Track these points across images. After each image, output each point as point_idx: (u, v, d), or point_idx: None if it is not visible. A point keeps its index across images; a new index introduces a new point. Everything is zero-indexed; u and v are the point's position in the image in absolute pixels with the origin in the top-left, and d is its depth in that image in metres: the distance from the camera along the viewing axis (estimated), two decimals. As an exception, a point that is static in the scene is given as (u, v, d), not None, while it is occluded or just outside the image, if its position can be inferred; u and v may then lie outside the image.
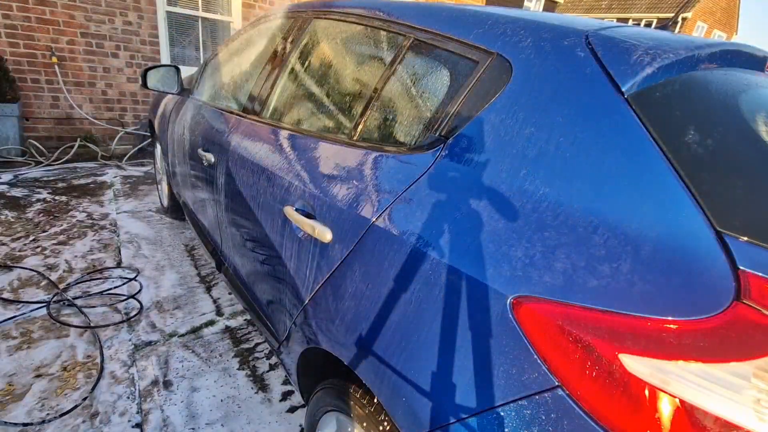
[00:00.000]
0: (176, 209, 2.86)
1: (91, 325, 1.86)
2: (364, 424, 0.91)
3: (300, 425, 1.50)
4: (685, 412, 0.47)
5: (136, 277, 2.28)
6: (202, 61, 3.02)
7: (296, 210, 1.09)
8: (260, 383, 1.67)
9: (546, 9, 15.82)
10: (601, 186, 0.62)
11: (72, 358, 1.66)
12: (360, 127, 1.06)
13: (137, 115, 4.71)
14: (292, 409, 1.57)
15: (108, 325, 1.87)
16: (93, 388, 1.52)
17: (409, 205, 0.83)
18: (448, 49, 0.94)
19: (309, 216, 1.05)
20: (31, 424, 1.37)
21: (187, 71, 2.69)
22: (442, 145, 0.84)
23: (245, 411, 1.53)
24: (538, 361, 0.58)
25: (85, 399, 1.47)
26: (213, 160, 1.64)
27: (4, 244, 2.44)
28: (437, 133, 0.87)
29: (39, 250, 2.43)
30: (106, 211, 3.09)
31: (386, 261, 0.83)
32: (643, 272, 0.53)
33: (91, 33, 4.12)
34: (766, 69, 0.84)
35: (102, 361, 1.65)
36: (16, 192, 3.24)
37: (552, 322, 0.58)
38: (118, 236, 2.73)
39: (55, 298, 1.99)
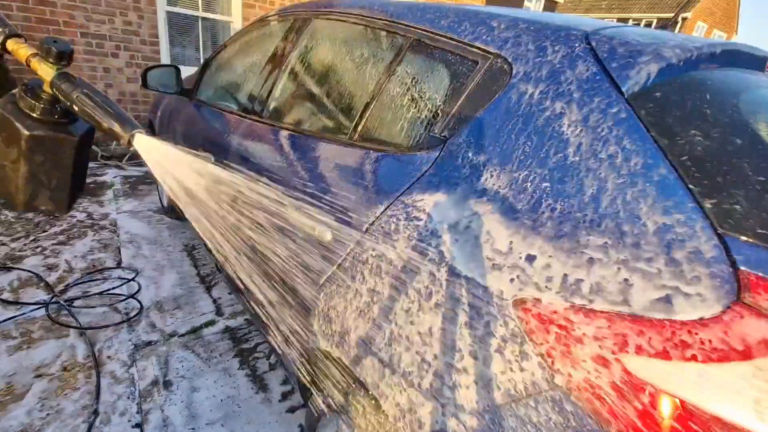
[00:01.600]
0: (176, 209, 2.86)
1: (88, 326, 1.86)
2: (364, 424, 0.91)
3: (300, 425, 1.50)
4: (685, 412, 0.47)
5: (135, 277, 2.27)
6: (202, 61, 3.02)
7: (296, 209, 1.09)
8: (260, 383, 1.67)
9: (546, 9, 15.82)
10: (601, 186, 0.62)
11: (72, 358, 1.66)
12: (360, 127, 1.06)
13: (137, 115, 4.70)
14: (292, 409, 1.57)
15: (107, 326, 1.87)
16: (97, 396, 1.51)
17: (409, 206, 0.83)
18: (448, 50, 0.94)
19: (309, 216, 1.05)
20: None
21: (187, 71, 2.69)
22: (442, 146, 0.84)
23: (245, 411, 1.53)
24: (539, 360, 0.58)
25: (97, 414, 1.44)
26: (213, 160, 1.63)
27: (4, 244, 2.43)
28: (437, 134, 0.87)
29: (39, 250, 2.43)
30: (106, 211, 3.09)
31: (386, 261, 0.83)
32: (643, 272, 0.53)
33: (91, 33, 4.12)
34: (766, 69, 0.84)
35: (97, 365, 1.64)
36: (16, 192, 3.24)
37: (553, 322, 0.58)
38: (118, 236, 2.73)
39: (53, 300, 1.99)
